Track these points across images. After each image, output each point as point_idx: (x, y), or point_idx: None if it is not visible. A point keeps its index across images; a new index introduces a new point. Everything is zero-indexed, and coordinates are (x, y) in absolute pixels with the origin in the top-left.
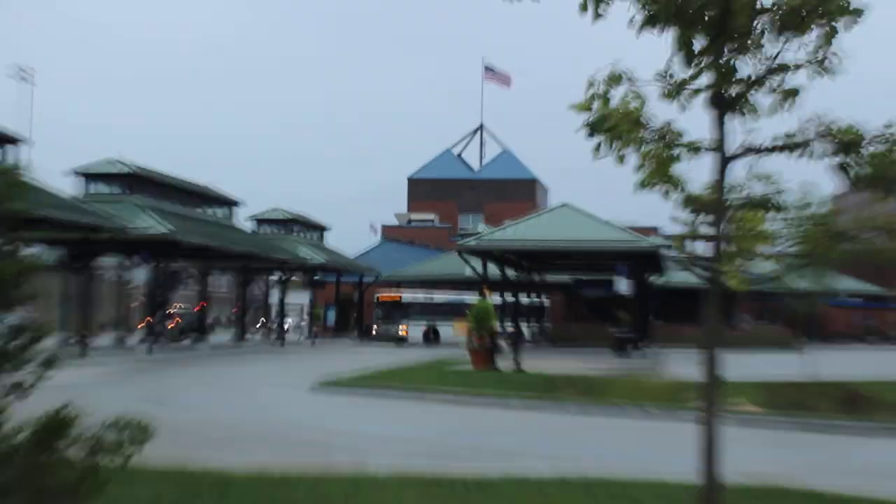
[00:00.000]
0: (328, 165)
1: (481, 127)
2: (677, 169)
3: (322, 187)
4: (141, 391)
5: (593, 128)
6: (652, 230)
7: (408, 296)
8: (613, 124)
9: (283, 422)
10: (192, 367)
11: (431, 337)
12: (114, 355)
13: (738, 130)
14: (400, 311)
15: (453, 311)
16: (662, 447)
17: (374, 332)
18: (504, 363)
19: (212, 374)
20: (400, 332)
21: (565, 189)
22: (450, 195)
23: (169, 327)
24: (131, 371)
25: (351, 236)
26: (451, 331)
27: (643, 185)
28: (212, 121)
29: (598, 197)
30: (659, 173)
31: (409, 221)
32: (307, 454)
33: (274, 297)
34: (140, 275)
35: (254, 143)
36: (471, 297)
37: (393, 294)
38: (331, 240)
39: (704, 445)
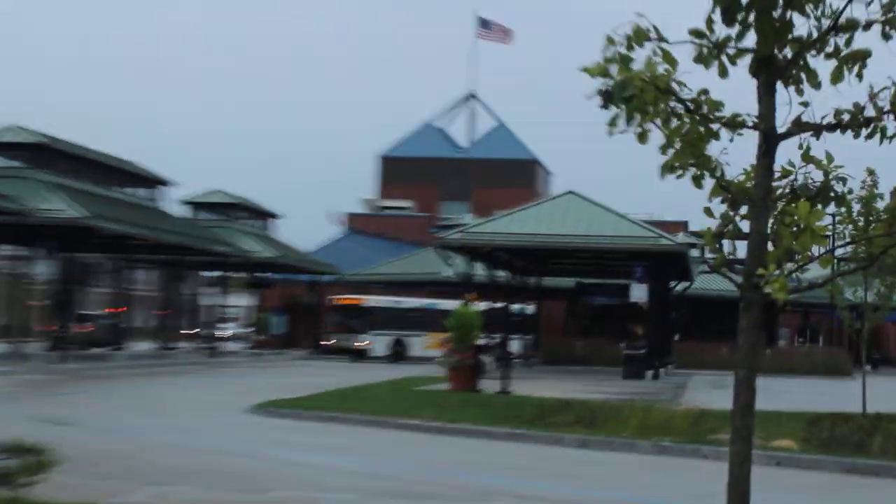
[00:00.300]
0: (282, 142)
1: (472, 95)
2: (712, 149)
3: (274, 168)
4: (42, 411)
5: (609, 96)
6: (677, 226)
7: (371, 300)
8: (635, 92)
9: (214, 450)
10: (107, 383)
11: (398, 351)
12: (8, 367)
13: (791, 103)
14: (360, 318)
15: (426, 321)
16: (678, 490)
17: (327, 344)
18: (488, 384)
19: (130, 391)
20: (359, 344)
21: (573, 175)
22: (430, 178)
23: (78, 334)
24: (30, 386)
25: (307, 227)
26: (422, 344)
27: (669, 168)
28: (137, 89)
29: (611, 185)
30: (690, 154)
31: (380, 209)
32: (242, 489)
33: (210, 298)
34: (44, 268)
35: (190, 116)
36: (448, 304)
37: (352, 297)
38: (282, 230)
39: (732, 490)
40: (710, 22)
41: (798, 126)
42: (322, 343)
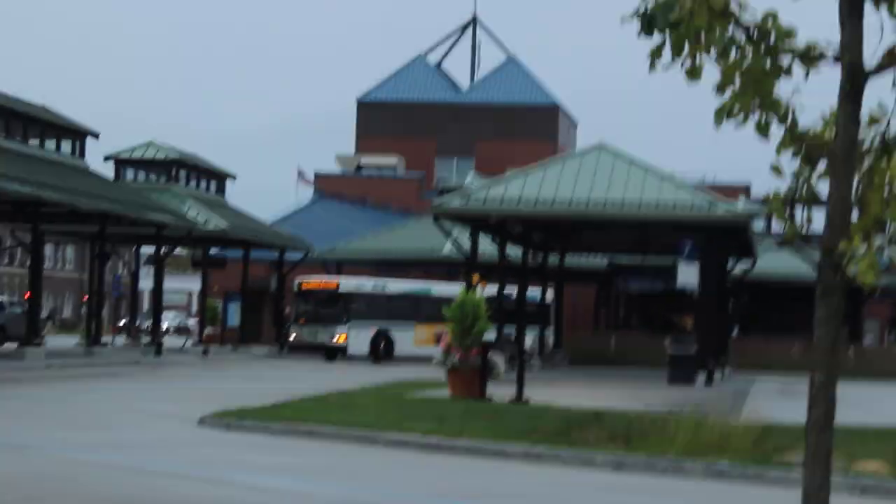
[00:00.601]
0: (234, 83)
1: (474, 21)
2: (782, 89)
3: (226, 117)
4: None
5: (651, 20)
6: (736, 190)
7: (348, 283)
8: (684, 16)
9: (157, 472)
10: (19, 387)
11: (382, 348)
12: None
13: (882, 29)
14: (335, 307)
15: (415, 310)
16: None
17: (290, 339)
18: (498, 390)
19: (50, 398)
20: (334, 340)
21: (603, 125)
22: (423, 128)
23: None
24: None
25: (268, 190)
26: (412, 339)
27: (727, 112)
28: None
29: (651, 138)
30: (753, 95)
31: (359, 168)
32: None
33: (146, 281)
34: None
35: (119, 49)
36: (445, 289)
37: (324, 280)
38: (237, 195)
39: None
40: None
41: (892, 59)
42: (287, 338)
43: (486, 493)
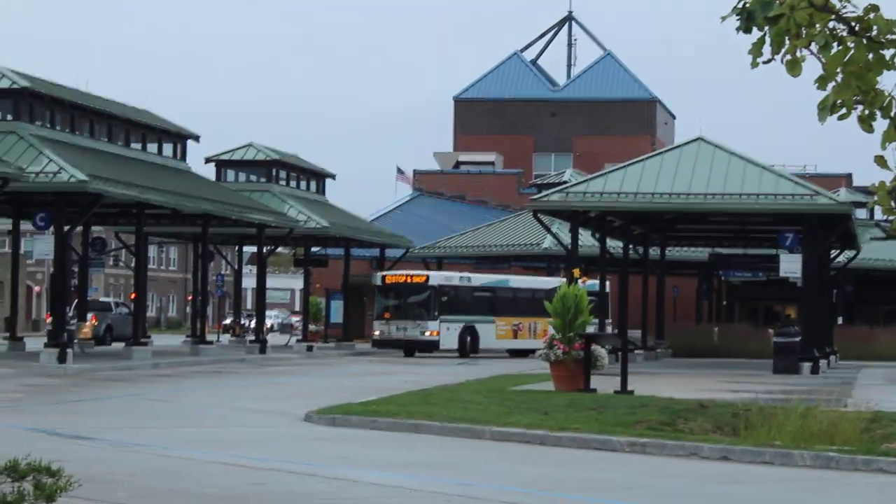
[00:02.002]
0: (332, 84)
1: (569, 17)
2: (886, 81)
3: (324, 117)
4: (49, 422)
5: (750, 15)
6: (838, 180)
7: (437, 276)
8: (784, 10)
9: (264, 468)
10: (127, 386)
11: (469, 342)
12: (7, 367)
13: None
14: (425, 300)
15: (494, 304)
16: None
17: (375, 335)
18: (602, 382)
19: (157, 397)
20: (426, 335)
21: (700, 118)
22: (520, 125)
23: (83, 328)
24: (35, 392)
25: (367, 189)
26: (493, 333)
27: (830, 107)
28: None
29: (750, 131)
30: (856, 88)
31: (457, 165)
32: None
33: (249, 280)
34: (41, 247)
35: (219, 54)
36: (523, 281)
37: (411, 274)
38: (337, 194)
39: None
40: None
41: None
42: (373, 335)
43: (595, 486)
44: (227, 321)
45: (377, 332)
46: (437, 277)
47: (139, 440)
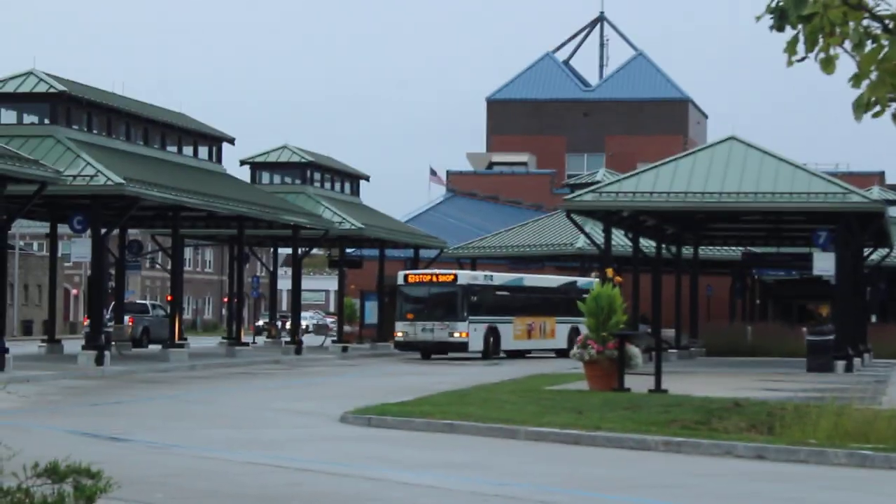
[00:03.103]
0: (365, 87)
1: (601, 18)
2: None
3: (359, 120)
4: (86, 424)
5: (784, 14)
6: (871, 178)
7: (464, 275)
8: (818, 9)
9: (301, 468)
10: (164, 388)
11: (490, 344)
12: (46, 369)
13: None
14: (452, 301)
15: (514, 303)
16: None
17: (397, 336)
18: (636, 382)
19: (194, 398)
20: (454, 336)
21: (732, 118)
22: (553, 125)
23: (120, 329)
24: (72, 394)
25: (401, 190)
26: (511, 333)
27: (865, 105)
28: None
29: (782, 130)
30: (891, 85)
31: (490, 166)
32: None
33: (284, 281)
34: (78, 249)
35: (256, 59)
36: (541, 280)
37: (437, 273)
38: (371, 195)
39: None
40: None
41: None
42: (395, 336)
43: (630, 485)
44: (260, 322)
45: (400, 334)
46: (464, 276)
47: (176, 441)
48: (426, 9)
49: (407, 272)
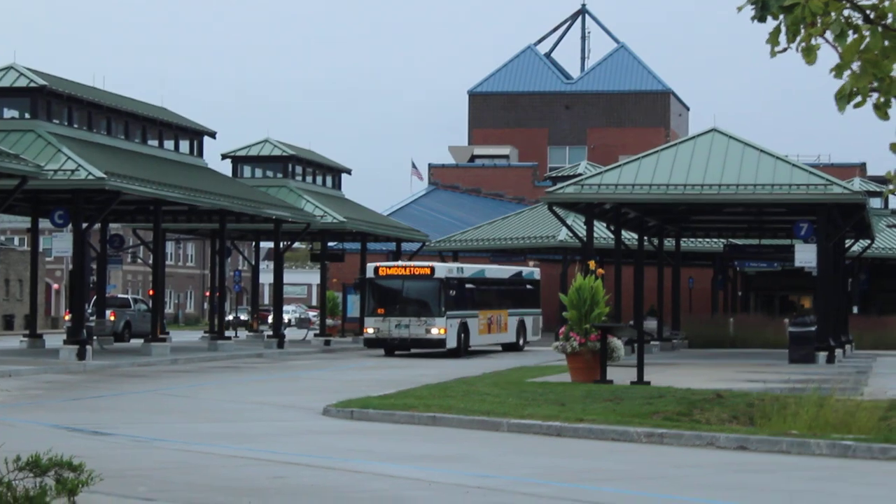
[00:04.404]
0: (349, 82)
1: (583, 11)
2: None
3: (340, 114)
4: (69, 418)
5: (765, 4)
6: (851, 169)
7: (442, 268)
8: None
9: (283, 461)
10: (147, 382)
11: (462, 340)
12: (27, 364)
13: None
14: (429, 295)
15: (479, 297)
16: (870, 502)
17: (367, 333)
18: (618, 374)
19: (177, 391)
20: (432, 333)
21: (714, 110)
22: (535, 118)
23: (101, 324)
24: (54, 389)
25: (383, 183)
26: (477, 328)
27: (847, 96)
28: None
29: (763, 122)
30: (871, 76)
31: (472, 159)
32: None
33: (266, 275)
34: (59, 244)
35: (236, 53)
36: (504, 270)
37: (411, 265)
38: (353, 189)
39: None
40: None
41: None
42: (365, 333)
43: (613, 477)
44: (230, 317)
45: (371, 330)
46: (442, 269)
47: (158, 435)
48: (408, 3)
49: (378, 264)
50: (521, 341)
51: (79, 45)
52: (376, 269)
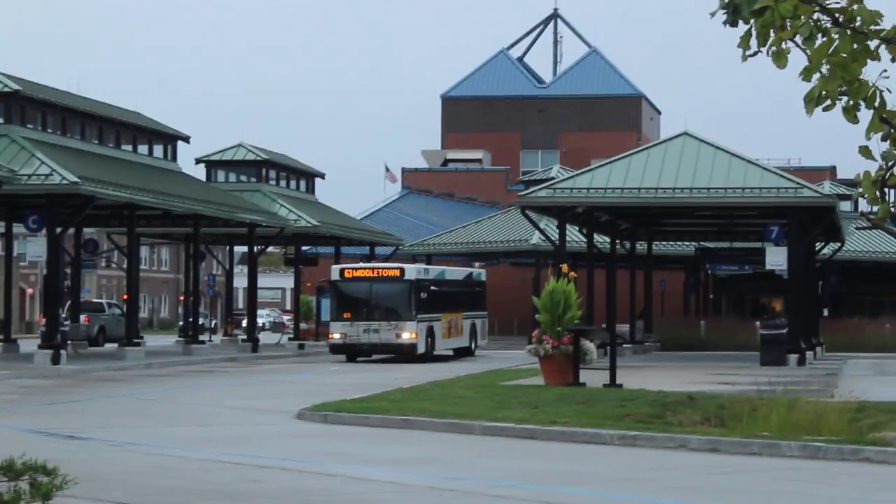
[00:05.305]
0: (319, 83)
1: (555, 16)
2: (869, 72)
3: (313, 118)
4: (44, 422)
5: (736, 9)
6: (822, 172)
7: (414, 270)
8: (769, 3)
9: (258, 465)
10: (122, 386)
11: (428, 344)
12: (1, 368)
13: None
14: (399, 298)
15: (441, 298)
16: (840, 503)
17: (333, 338)
18: (591, 377)
19: (151, 396)
20: (403, 338)
21: (685, 114)
22: (507, 122)
23: (76, 328)
24: (29, 393)
25: (356, 188)
26: (441, 332)
27: (816, 98)
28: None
29: (734, 125)
30: (840, 79)
31: (445, 163)
32: None
33: (240, 280)
34: (34, 249)
35: (209, 57)
36: (458, 272)
37: (379, 267)
38: (326, 193)
39: None
40: None
41: None
42: (330, 339)
43: (586, 479)
44: (220, 321)
45: (337, 336)
46: (412, 271)
47: (134, 439)
48: (381, 7)
49: (344, 266)
50: (473, 345)
51: (51, 49)
52: (342, 272)
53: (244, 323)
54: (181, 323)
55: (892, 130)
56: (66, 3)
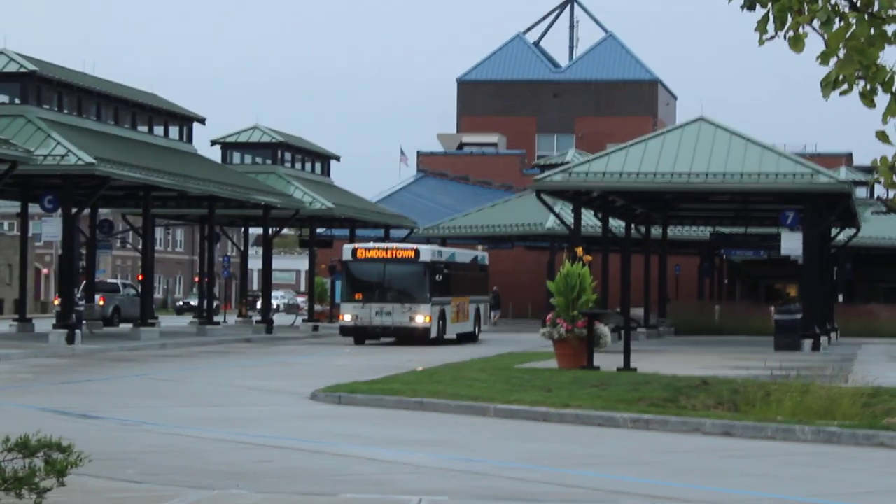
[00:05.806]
0: (339, 70)
1: (572, 0)
2: (887, 57)
3: (330, 101)
4: (58, 401)
5: None
6: (838, 158)
7: (429, 251)
8: None
9: (271, 445)
10: (136, 366)
11: (440, 328)
12: (17, 347)
13: None
14: (413, 280)
15: (453, 281)
16: (845, 487)
17: (343, 320)
18: (605, 360)
19: (165, 375)
20: (417, 321)
21: (702, 98)
22: (523, 106)
23: (91, 308)
24: (43, 372)
25: (372, 170)
26: (451, 316)
27: (832, 82)
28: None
29: (751, 111)
30: (857, 63)
31: (461, 146)
32: (305, 491)
33: (255, 261)
34: (49, 229)
35: (226, 40)
36: (464, 254)
37: (393, 248)
38: (342, 175)
39: None
40: None
41: None
42: (341, 320)
43: (599, 461)
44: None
45: (348, 317)
46: (427, 252)
47: (147, 419)
48: None
49: (356, 246)
50: (477, 330)
51: (68, 30)
52: (354, 251)
53: (258, 304)
54: (179, 303)
55: None
56: None
